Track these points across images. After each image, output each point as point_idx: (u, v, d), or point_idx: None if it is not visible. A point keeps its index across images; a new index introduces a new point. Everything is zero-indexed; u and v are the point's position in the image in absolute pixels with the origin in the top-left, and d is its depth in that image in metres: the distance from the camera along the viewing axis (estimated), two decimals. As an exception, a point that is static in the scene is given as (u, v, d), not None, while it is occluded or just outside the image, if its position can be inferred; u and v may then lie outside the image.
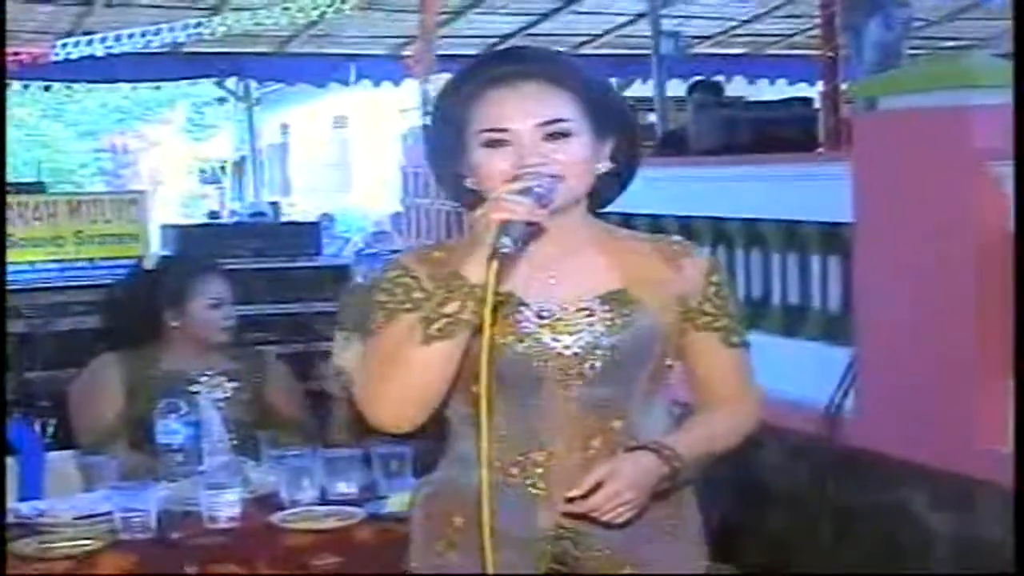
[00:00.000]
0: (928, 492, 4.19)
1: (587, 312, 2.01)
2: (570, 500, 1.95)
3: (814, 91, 8.59)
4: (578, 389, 2.00)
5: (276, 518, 2.82)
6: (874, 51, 6.04)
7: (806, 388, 4.65)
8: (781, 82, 12.26)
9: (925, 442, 4.14)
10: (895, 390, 4.34)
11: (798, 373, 4.64)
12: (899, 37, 5.98)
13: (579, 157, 1.99)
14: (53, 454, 3.51)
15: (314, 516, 2.83)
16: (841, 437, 4.54)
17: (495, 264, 1.86)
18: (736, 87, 11.70)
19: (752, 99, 9.69)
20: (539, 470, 1.99)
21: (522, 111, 1.98)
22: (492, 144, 1.98)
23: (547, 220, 1.92)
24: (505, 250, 1.86)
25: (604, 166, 2.05)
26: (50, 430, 4.54)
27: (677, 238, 2.17)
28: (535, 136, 1.97)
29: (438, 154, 2.10)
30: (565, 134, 1.98)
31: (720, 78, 10.34)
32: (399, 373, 1.93)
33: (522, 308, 1.99)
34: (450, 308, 1.89)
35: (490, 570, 1.89)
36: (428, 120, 2.16)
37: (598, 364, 1.99)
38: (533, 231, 1.91)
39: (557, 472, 1.99)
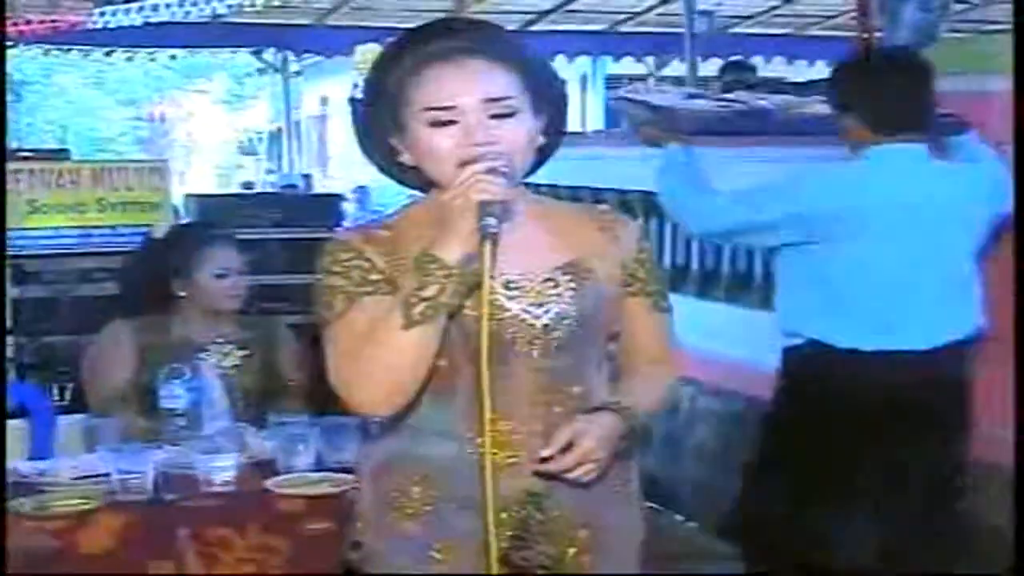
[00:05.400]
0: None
1: (552, 283, 2.04)
2: (542, 460, 1.98)
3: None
4: (544, 358, 2.03)
5: (270, 483, 2.85)
6: (910, 33, 5.97)
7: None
8: (820, 63, 12.16)
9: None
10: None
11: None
12: (936, 19, 5.91)
13: (523, 135, 2.01)
14: (64, 417, 3.55)
15: (308, 482, 2.86)
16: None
17: (488, 243, 1.87)
18: (775, 68, 11.63)
19: (787, 80, 9.62)
20: (504, 439, 2.01)
21: (467, 88, 1.97)
22: (437, 123, 1.98)
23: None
24: (493, 230, 1.88)
25: (539, 141, 2.06)
26: (67, 394, 4.59)
27: (604, 207, 2.23)
28: (481, 114, 1.97)
29: (370, 129, 2.09)
30: (510, 113, 1.99)
31: (758, 59, 10.28)
32: (380, 358, 1.93)
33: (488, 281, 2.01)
34: (429, 291, 1.90)
35: (493, 549, 1.93)
36: (358, 93, 2.16)
37: (564, 334, 2.03)
38: (506, 210, 1.92)
39: (520, 439, 2.02)
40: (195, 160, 20.76)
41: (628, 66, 12.89)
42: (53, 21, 9.46)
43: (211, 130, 22.61)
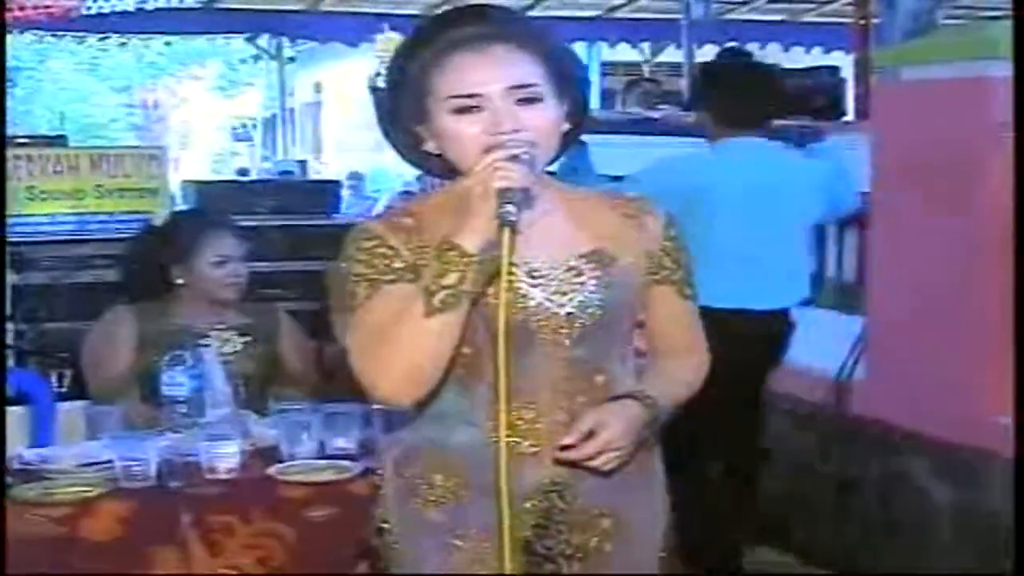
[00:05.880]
0: (933, 462, 4.20)
1: (576, 271, 2.03)
2: (564, 448, 1.97)
3: (848, 60, 8.52)
4: (568, 347, 2.02)
5: (273, 470, 2.85)
6: (907, 19, 5.96)
7: (816, 356, 4.66)
8: (816, 50, 12.15)
9: (932, 412, 4.14)
10: (904, 360, 4.34)
11: (809, 341, 4.64)
12: (933, 6, 5.91)
13: (550, 121, 2.00)
14: (64, 404, 3.54)
15: (311, 469, 2.86)
16: (849, 406, 4.55)
17: (507, 233, 1.87)
18: (771, 55, 11.61)
19: (783, 67, 9.60)
20: (527, 427, 2.01)
21: (493, 75, 1.96)
22: (462, 110, 1.96)
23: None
24: (512, 218, 1.87)
25: (564, 128, 2.05)
26: (66, 381, 4.59)
27: (633, 194, 2.19)
28: (507, 101, 1.96)
29: (393, 117, 2.08)
30: (536, 99, 1.98)
31: (754, 45, 10.25)
32: (403, 348, 1.92)
33: (511, 269, 1.98)
34: (450, 279, 1.88)
35: (507, 537, 1.92)
36: (379, 82, 2.15)
37: (588, 322, 2.02)
38: (527, 197, 1.91)
39: (544, 428, 2.01)
40: (189, 146, 20.71)
41: (624, 52, 12.87)
42: (47, 7, 9.42)
43: (205, 117, 22.55)
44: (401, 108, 2.05)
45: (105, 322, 3.66)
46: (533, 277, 2.01)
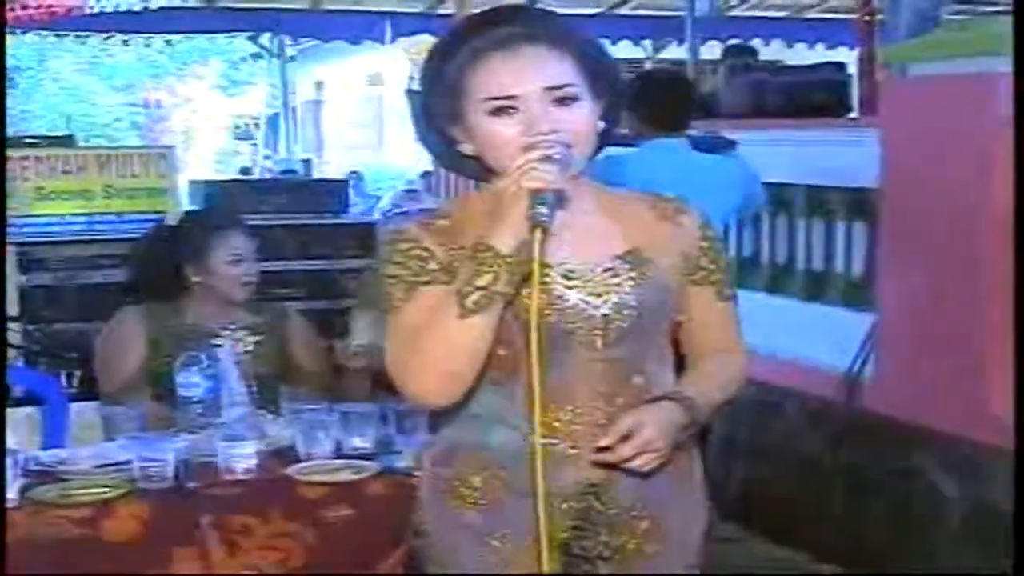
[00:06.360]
0: (943, 457, 4.20)
1: (612, 272, 2.03)
2: (600, 450, 1.97)
3: (852, 56, 8.53)
4: (604, 349, 2.02)
5: (292, 470, 2.85)
6: (910, 15, 5.97)
7: (826, 353, 4.67)
8: (820, 46, 12.15)
9: (942, 408, 4.15)
10: (914, 356, 4.35)
11: (819, 338, 4.65)
12: (937, 1, 5.93)
13: (586, 121, 2.00)
14: (76, 404, 3.55)
15: (329, 469, 2.86)
16: (859, 401, 4.56)
17: (538, 233, 1.86)
18: (774, 51, 11.61)
19: (788, 64, 9.60)
20: (565, 429, 2.01)
21: (528, 77, 1.96)
22: (499, 112, 1.97)
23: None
24: (543, 219, 1.86)
25: (600, 127, 2.05)
26: (75, 381, 4.59)
27: (670, 195, 2.18)
28: (543, 102, 1.96)
29: (429, 119, 2.08)
30: (572, 99, 1.98)
31: (757, 41, 10.25)
32: (438, 349, 1.93)
33: (547, 270, 1.99)
34: (483, 281, 1.89)
35: (544, 542, 1.93)
36: (415, 84, 2.15)
37: (624, 323, 2.02)
38: (560, 198, 1.91)
39: (582, 430, 2.01)
40: (191, 146, 20.68)
41: (626, 49, 12.87)
42: (50, 6, 9.42)
43: (206, 116, 22.53)
44: (435, 110, 2.06)
45: (115, 323, 3.66)
46: (568, 278, 2.01)
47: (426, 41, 4.84)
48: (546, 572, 1.95)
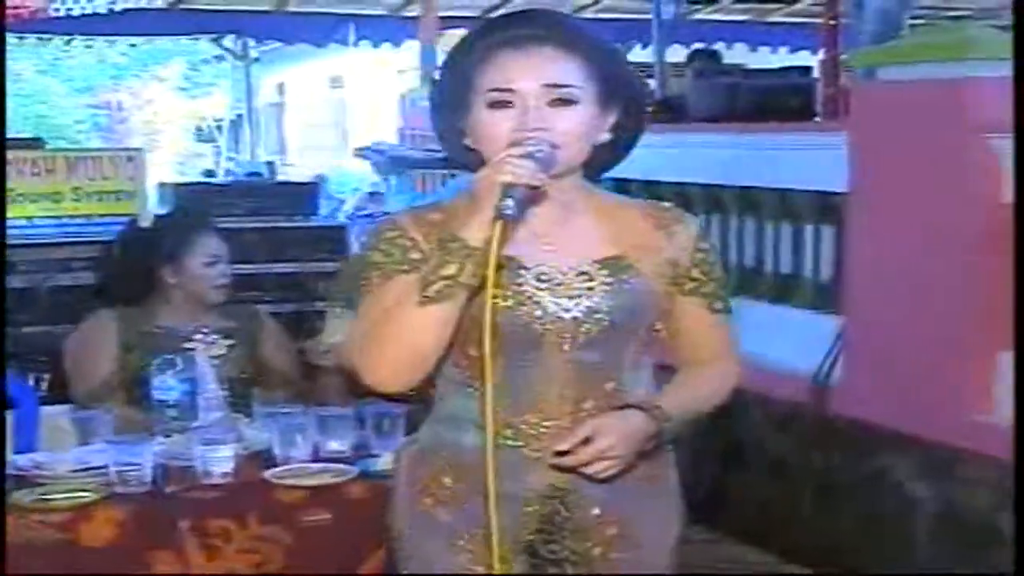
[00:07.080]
0: (913, 461, 4.24)
1: (586, 277, 2.03)
2: (560, 454, 1.98)
3: (816, 60, 8.59)
4: (574, 352, 2.02)
5: (269, 474, 2.84)
6: (875, 20, 6.02)
7: (795, 356, 4.69)
8: (783, 50, 12.21)
9: (911, 411, 4.18)
10: (883, 359, 4.38)
11: (788, 341, 4.68)
12: (901, 6, 5.98)
13: (579, 126, 2.00)
14: (47, 408, 3.52)
15: (307, 473, 2.86)
16: (828, 405, 4.59)
17: (499, 225, 1.87)
18: (737, 55, 11.66)
19: (752, 67, 9.65)
20: (532, 432, 2.02)
21: (529, 73, 1.98)
22: (496, 104, 1.98)
23: (545, 185, 1.93)
24: (508, 212, 1.86)
25: (604, 137, 2.05)
26: (44, 384, 4.55)
27: (668, 204, 2.18)
28: (540, 99, 1.97)
29: (443, 111, 2.10)
30: (570, 100, 1.99)
31: (721, 45, 10.30)
32: (396, 334, 1.94)
33: (521, 272, 2.01)
34: (448, 271, 1.90)
35: (495, 535, 1.93)
36: (437, 76, 2.17)
37: (595, 328, 2.02)
38: (534, 195, 1.91)
39: (549, 434, 2.02)
40: (154, 148, 20.53)
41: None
42: (15, 8, 9.36)
43: (168, 118, 22.40)
44: (448, 104, 2.07)
45: (87, 327, 3.64)
46: (541, 280, 2.02)
47: (456, 34, 4.87)
48: (497, 573, 1.96)
